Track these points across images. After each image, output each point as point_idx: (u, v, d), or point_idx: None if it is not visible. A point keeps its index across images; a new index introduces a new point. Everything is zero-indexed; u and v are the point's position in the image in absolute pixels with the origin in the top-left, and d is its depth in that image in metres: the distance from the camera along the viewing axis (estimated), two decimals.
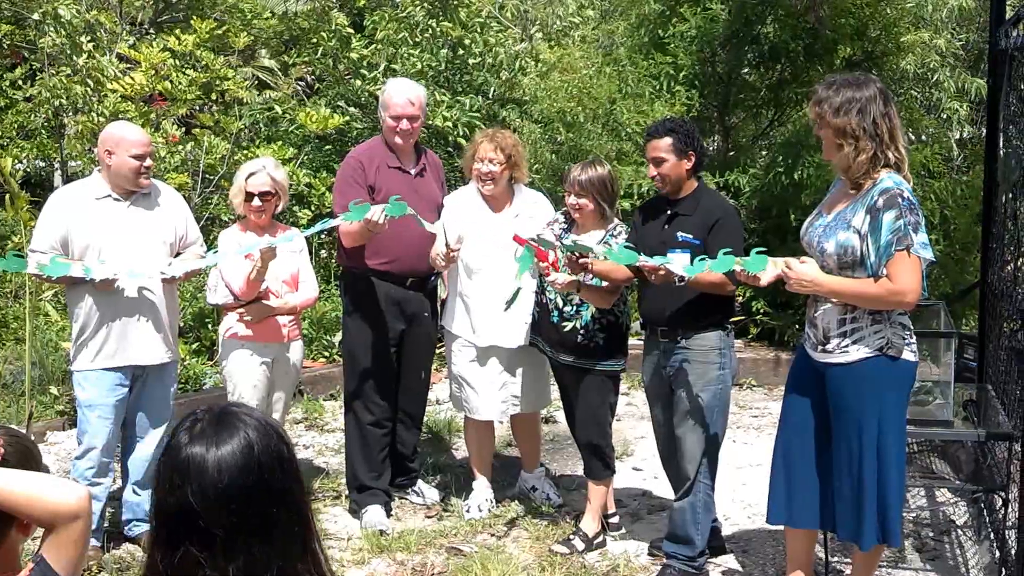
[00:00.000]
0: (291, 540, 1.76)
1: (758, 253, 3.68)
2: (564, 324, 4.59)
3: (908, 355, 3.56)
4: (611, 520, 4.92)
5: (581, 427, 4.72)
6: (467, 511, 5.08)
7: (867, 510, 3.56)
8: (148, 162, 4.53)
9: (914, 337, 3.60)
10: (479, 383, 4.97)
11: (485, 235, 4.91)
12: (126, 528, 4.80)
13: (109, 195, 4.52)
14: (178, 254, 4.68)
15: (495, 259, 4.87)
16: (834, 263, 3.55)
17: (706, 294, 4.18)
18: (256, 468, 1.73)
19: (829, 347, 3.62)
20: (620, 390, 4.90)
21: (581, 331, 4.56)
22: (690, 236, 4.20)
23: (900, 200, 3.41)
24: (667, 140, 4.28)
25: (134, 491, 4.75)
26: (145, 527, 4.74)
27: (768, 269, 3.64)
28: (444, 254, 4.70)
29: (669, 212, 4.35)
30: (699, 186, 4.41)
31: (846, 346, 3.57)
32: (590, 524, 4.72)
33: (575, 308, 4.57)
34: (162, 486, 1.75)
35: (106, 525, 4.76)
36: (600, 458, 4.72)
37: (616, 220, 4.71)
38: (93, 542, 4.48)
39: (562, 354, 4.65)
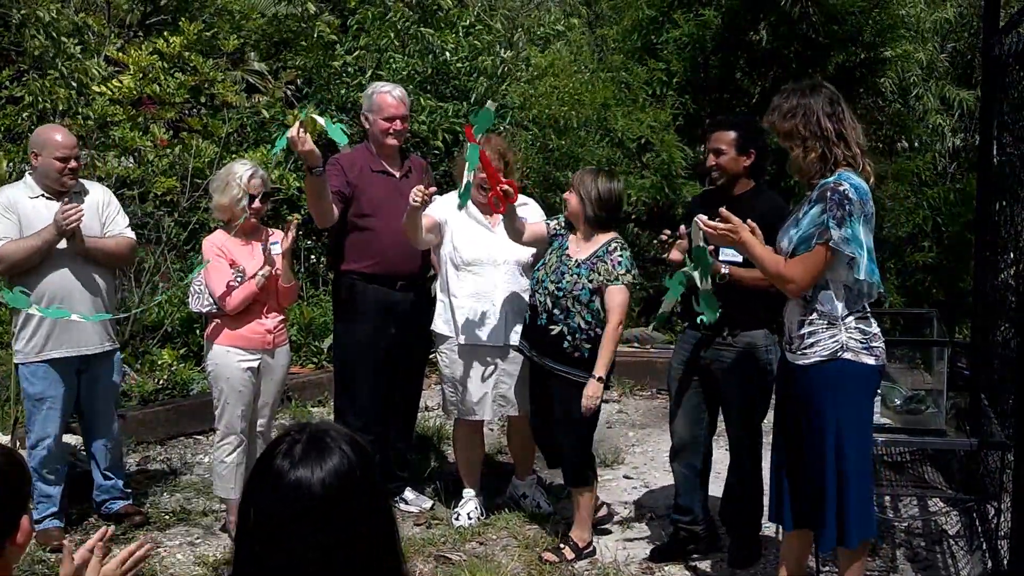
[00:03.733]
0: (384, 559, 1.74)
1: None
2: (552, 328, 4.53)
3: (867, 359, 3.51)
4: (603, 522, 4.91)
5: (561, 436, 4.65)
6: (456, 519, 5.03)
7: (827, 511, 3.54)
8: (72, 164, 4.72)
9: (878, 340, 3.55)
10: (471, 383, 4.92)
11: (473, 238, 4.88)
12: (103, 508, 5.03)
13: (41, 195, 4.73)
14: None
15: (481, 261, 4.85)
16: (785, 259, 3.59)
17: (754, 294, 4.12)
18: (357, 485, 1.72)
19: (793, 347, 3.63)
20: (604, 398, 4.80)
21: (568, 337, 4.51)
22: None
23: (830, 194, 3.41)
24: (731, 134, 4.32)
25: (104, 475, 5.02)
26: (121, 503, 5.02)
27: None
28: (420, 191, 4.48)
29: (723, 208, 4.16)
30: (756, 187, 4.36)
31: (804, 348, 3.57)
32: (580, 533, 4.67)
33: (564, 313, 4.52)
34: (263, 512, 1.70)
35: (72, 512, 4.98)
36: (580, 467, 4.65)
37: (614, 235, 4.61)
38: (56, 523, 4.76)
39: (546, 359, 4.57)
